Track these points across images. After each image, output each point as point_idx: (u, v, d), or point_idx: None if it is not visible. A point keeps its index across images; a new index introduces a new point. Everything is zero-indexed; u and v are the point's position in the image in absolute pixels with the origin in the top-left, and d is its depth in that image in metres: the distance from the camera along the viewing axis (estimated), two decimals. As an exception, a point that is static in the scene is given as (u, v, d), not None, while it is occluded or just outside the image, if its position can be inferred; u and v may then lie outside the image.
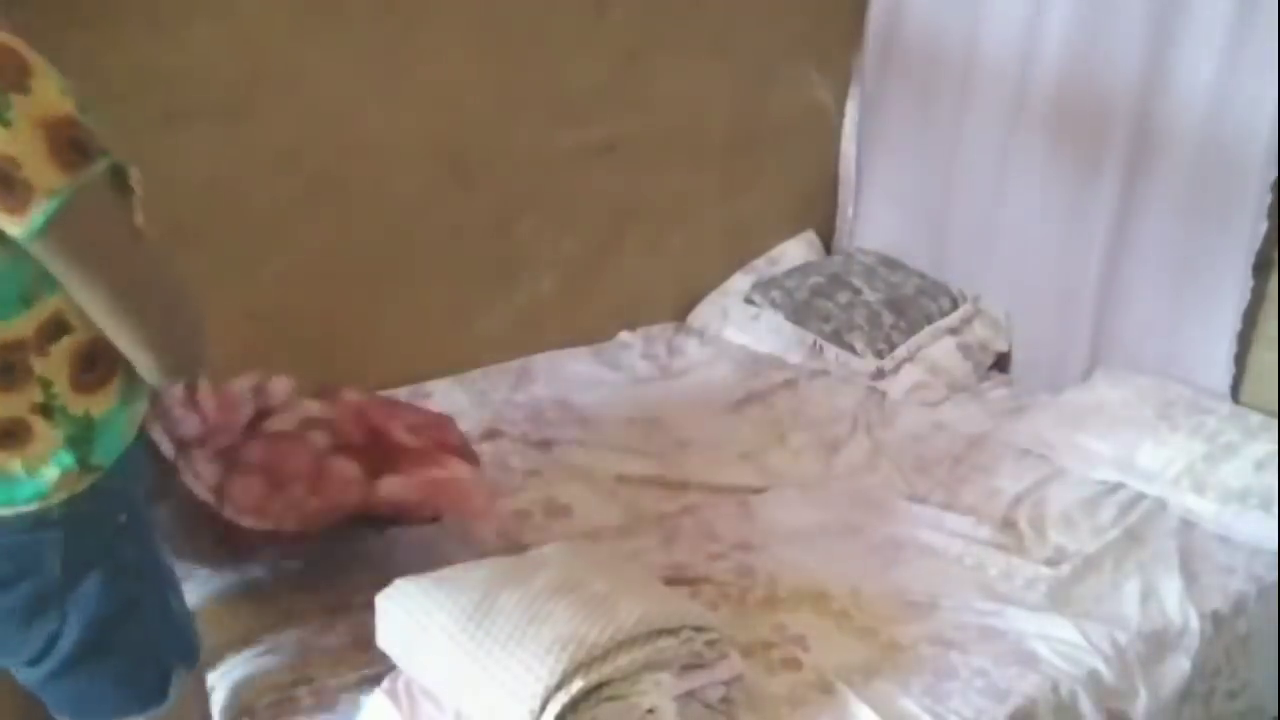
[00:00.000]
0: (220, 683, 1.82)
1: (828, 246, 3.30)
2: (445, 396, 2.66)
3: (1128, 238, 2.69)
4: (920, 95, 3.05)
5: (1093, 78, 2.67)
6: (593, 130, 2.82)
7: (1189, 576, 2.23)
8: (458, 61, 2.59)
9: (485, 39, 2.61)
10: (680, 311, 3.08)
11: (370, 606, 1.77)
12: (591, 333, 2.94)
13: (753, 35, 2.98)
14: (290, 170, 2.46)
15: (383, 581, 1.78)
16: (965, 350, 2.90)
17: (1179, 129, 2.57)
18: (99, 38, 2.19)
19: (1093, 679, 1.95)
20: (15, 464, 1.33)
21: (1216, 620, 2.16)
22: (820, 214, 3.29)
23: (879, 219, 3.22)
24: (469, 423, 2.55)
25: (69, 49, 2.17)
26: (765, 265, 3.16)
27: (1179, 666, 2.08)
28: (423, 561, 1.89)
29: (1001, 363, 2.98)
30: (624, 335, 2.98)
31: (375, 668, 1.80)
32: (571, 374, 2.80)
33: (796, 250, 3.21)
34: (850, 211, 3.26)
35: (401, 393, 2.64)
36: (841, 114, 3.22)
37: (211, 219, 2.41)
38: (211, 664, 1.84)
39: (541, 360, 2.83)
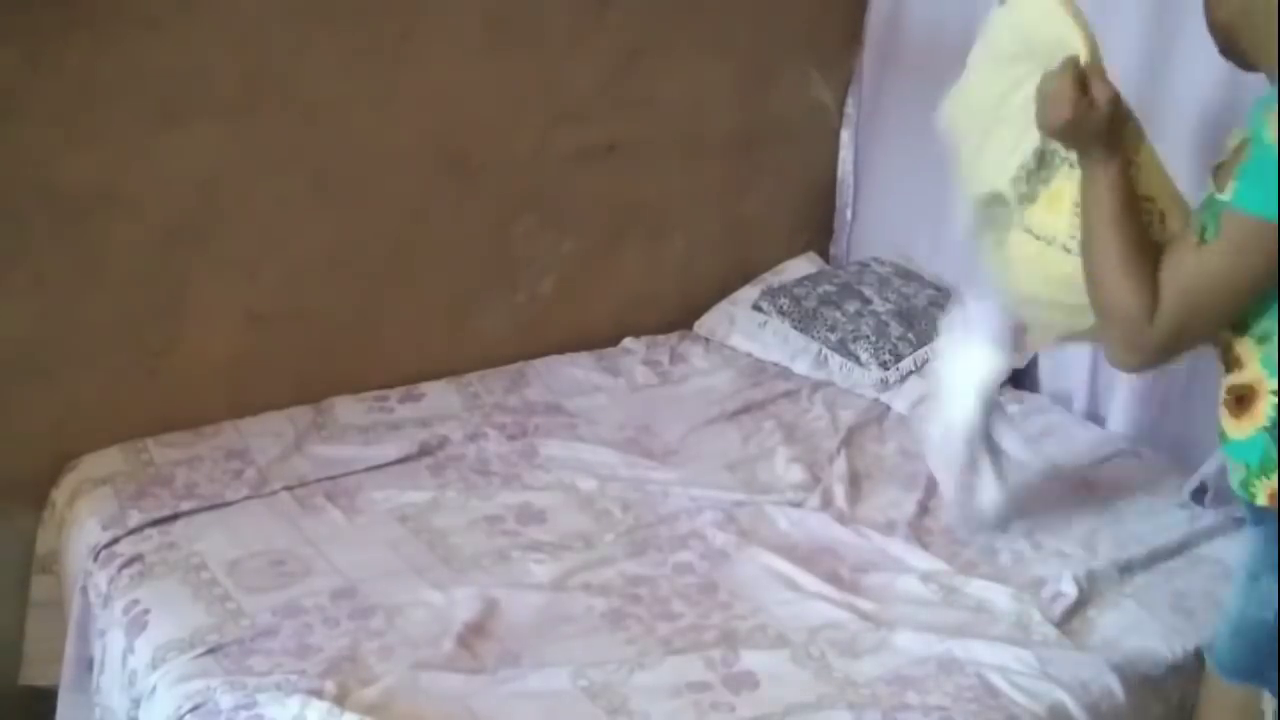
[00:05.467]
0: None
1: (828, 247, 3.31)
2: (438, 398, 2.65)
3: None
4: (920, 96, 3.04)
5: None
6: (593, 130, 2.81)
7: (1183, 613, 2.11)
8: (457, 61, 2.59)
9: (485, 39, 2.61)
10: (680, 312, 3.08)
11: None
12: (591, 333, 2.94)
13: (753, 35, 2.98)
14: (290, 170, 2.46)
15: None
16: None
17: (1180, 130, 2.56)
18: (99, 38, 2.20)
19: (1055, 714, 1.87)
20: None
21: (1199, 653, 2.01)
22: (820, 214, 3.29)
23: (878, 220, 3.22)
24: (456, 424, 2.55)
25: (69, 49, 2.19)
26: (773, 277, 3.13)
27: (1153, 701, 1.99)
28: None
29: (1023, 380, 2.88)
30: (628, 342, 2.96)
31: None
32: (568, 378, 2.79)
33: (798, 265, 3.18)
34: (849, 213, 3.26)
35: (395, 394, 2.64)
36: (841, 114, 3.22)
37: (211, 219, 2.41)
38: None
39: (540, 364, 2.83)
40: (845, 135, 3.23)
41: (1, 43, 2.12)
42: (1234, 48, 1.70)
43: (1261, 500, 1.60)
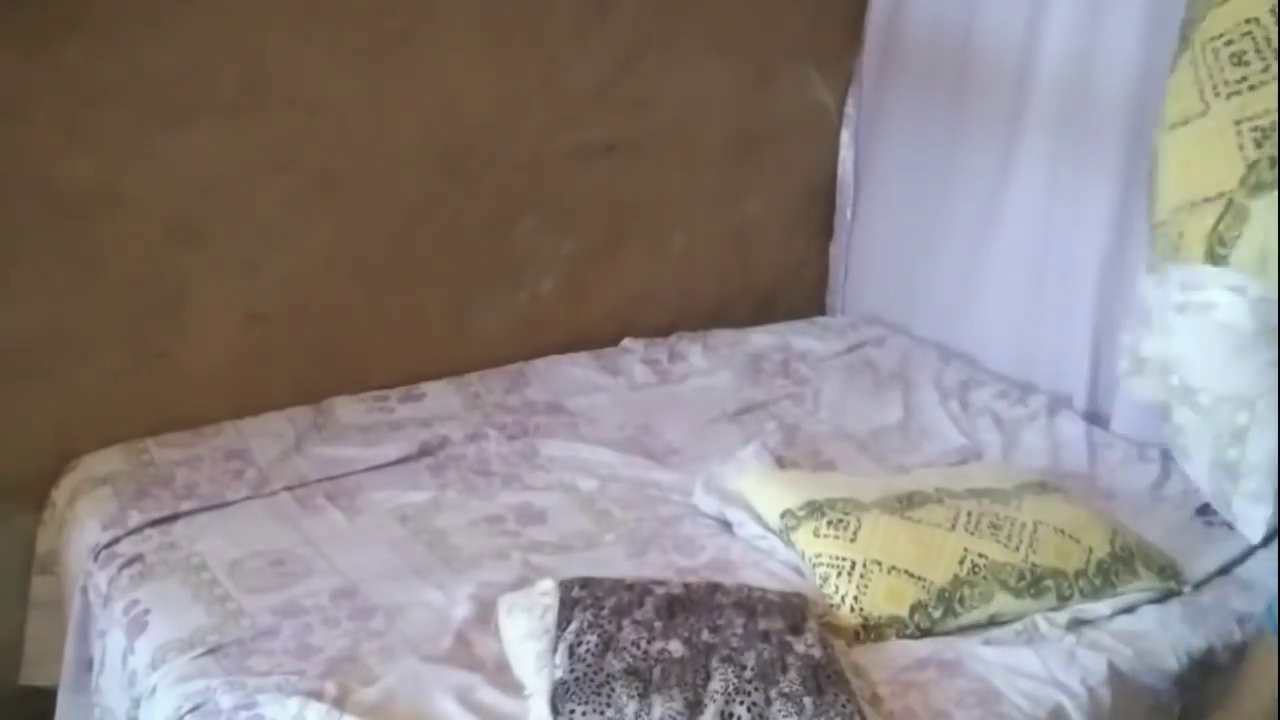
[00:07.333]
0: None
1: (827, 247, 3.31)
2: (439, 398, 2.65)
3: (1129, 237, 2.69)
4: (920, 96, 3.05)
5: (1093, 77, 2.67)
6: (593, 130, 2.82)
7: (1192, 624, 2.07)
8: (457, 61, 2.59)
9: (485, 39, 2.61)
10: (680, 312, 3.08)
11: None
12: (591, 333, 2.94)
13: (753, 35, 2.98)
14: (290, 170, 2.46)
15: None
16: None
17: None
18: (98, 38, 2.20)
19: (1056, 718, 1.85)
20: None
21: (1204, 666, 2.02)
22: (820, 214, 3.29)
23: (877, 220, 3.22)
24: (456, 424, 2.55)
25: (69, 49, 2.19)
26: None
27: (1154, 711, 1.97)
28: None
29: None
30: (627, 341, 2.96)
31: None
32: (568, 378, 2.79)
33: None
34: (849, 213, 3.26)
35: (395, 394, 2.64)
36: (841, 114, 3.22)
37: (211, 219, 2.41)
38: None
39: (540, 363, 2.83)
40: (845, 135, 3.23)
41: (1, 43, 2.12)
42: None
43: None
